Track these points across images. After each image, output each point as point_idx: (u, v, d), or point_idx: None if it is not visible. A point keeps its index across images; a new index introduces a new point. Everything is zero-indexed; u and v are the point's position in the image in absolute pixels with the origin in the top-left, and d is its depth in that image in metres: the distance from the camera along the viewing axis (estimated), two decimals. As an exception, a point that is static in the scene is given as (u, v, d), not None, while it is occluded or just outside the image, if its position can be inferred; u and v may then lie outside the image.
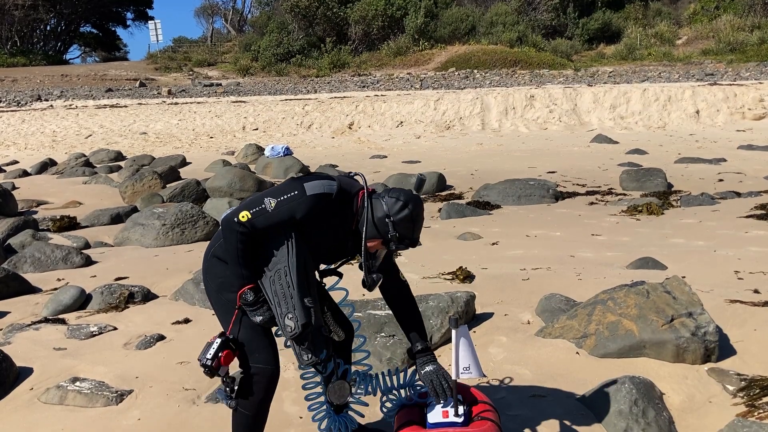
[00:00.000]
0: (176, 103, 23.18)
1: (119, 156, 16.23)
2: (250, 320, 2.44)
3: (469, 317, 4.09)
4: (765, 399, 2.99)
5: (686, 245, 6.25)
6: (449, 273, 5.13)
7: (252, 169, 12.97)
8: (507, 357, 3.62)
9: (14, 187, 11.77)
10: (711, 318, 3.44)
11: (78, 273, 5.97)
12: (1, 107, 23.88)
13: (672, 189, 10.11)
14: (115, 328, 4.43)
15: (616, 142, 16.12)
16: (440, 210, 8.72)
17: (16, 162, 16.10)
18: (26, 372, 3.75)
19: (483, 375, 2.63)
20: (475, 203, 9.12)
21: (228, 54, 40.58)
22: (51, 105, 24.09)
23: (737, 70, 25.74)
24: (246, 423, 2.51)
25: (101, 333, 4.35)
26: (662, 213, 8.04)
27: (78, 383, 3.54)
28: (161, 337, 4.21)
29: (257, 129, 19.81)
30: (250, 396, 2.46)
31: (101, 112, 22.05)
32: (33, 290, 5.41)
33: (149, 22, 45.59)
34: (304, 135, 19.02)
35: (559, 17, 35.97)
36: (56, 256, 6.28)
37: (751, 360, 3.39)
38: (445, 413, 2.50)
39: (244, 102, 22.64)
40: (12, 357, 3.76)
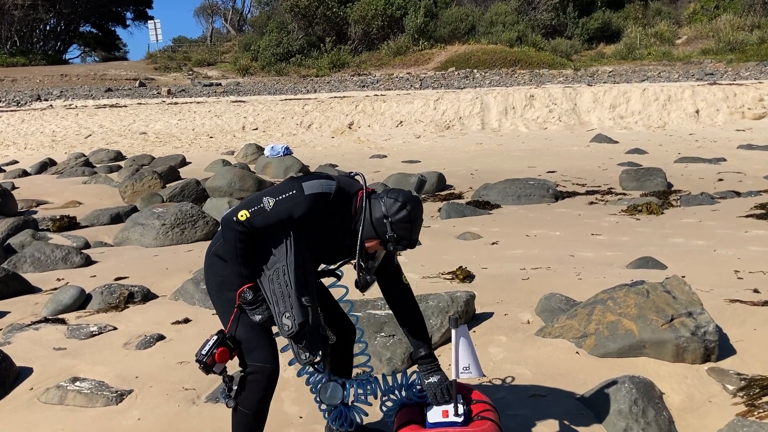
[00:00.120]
0: (176, 103, 23.17)
1: (119, 156, 16.22)
2: (250, 319, 2.44)
3: (469, 317, 4.09)
4: (765, 398, 2.99)
5: (686, 245, 6.26)
6: (449, 273, 5.13)
7: (252, 169, 12.96)
8: (507, 357, 3.62)
9: (14, 187, 11.76)
10: (711, 317, 3.44)
11: (78, 273, 5.97)
12: (1, 107, 23.87)
13: (672, 188, 10.11)
14: (115, 328, 4.43)
15: (616, 142, 16.12)
16: (440, 210, 8.72)
17: (16, 162, 16.10)
18: (26, 372, 3.75)
19: (483, 375, 2.63)
20: (475, 203, 9.12)
21: (228, 54, 40.61)
22: (50, 105, 24.07)
23: (737, 70, 25.75)
24: (246, 422, 2.50)
25: (101, 333, 4.35)
26: (662, 212, 8.04)
27: (78, 383, 3.54)
28: (161, 337, 4.21)
29: (257, 129, 19.80)
30: (250, 394, 2.45)
31: (101, 112, 22.04)
32: (33, 290, 5.41)
33: (149, 22, 45.70)
34: (304, 135, 19.01)
35: (559, 17, 35.99)
36: (56, 256, 6.28)
37: (751, 359, 3.38)
38: (445, 413, 2.50)
39: (244, 102, 22.62)
40: (12, 357, 3.75)
